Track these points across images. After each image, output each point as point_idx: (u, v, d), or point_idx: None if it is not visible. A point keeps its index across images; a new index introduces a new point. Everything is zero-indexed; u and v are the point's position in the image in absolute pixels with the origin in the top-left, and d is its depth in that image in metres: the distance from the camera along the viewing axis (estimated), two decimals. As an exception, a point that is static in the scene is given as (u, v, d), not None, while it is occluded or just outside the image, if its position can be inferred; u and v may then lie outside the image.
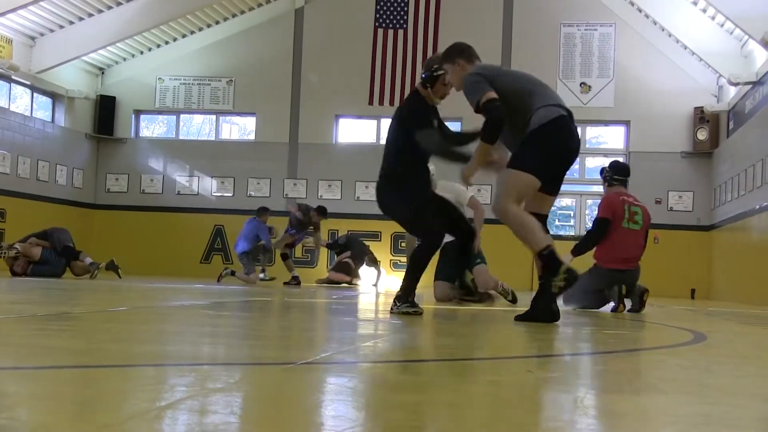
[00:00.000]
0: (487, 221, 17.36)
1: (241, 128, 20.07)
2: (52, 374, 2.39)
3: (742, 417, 2.06)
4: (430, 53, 18.33)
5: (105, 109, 19.20)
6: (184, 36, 19.30)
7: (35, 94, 17.86)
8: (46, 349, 3.08)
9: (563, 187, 6.03)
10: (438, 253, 6.12)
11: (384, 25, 18.57)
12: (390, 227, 17.38)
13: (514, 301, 8.96)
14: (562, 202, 18.53)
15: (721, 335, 5.46)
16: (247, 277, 14.04)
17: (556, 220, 18.72)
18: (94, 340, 3.34)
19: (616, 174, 8.52)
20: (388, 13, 18.55)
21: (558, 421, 1.93)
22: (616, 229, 8.21)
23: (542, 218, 5.62)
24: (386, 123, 18.84)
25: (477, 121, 5.66)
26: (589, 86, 17.95)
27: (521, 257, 17.89)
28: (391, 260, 18.06)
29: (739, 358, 3.94)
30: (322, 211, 14.61)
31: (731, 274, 15.27)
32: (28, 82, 17.33)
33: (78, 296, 5.83)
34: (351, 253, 15.62)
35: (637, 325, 6.20)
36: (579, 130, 20.17)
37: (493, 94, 5.36)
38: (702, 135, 17.24)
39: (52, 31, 17.17)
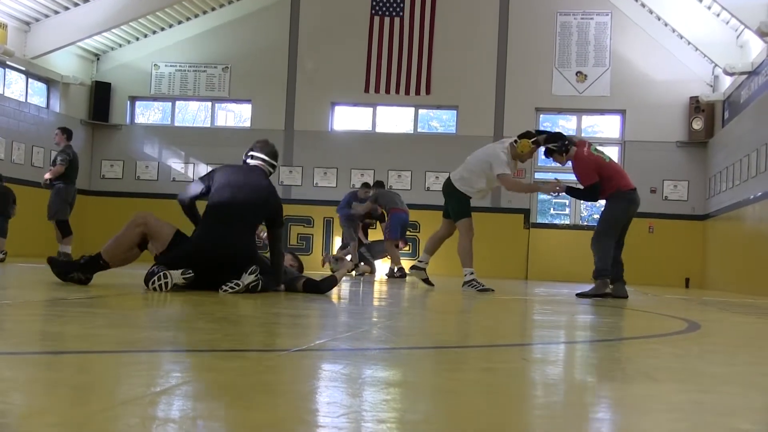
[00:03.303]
0: (485, 209, 17.42)
1: (236, 115, 20.02)
2: (48, 359, 2.40)
3: (735, 405, 2.07)
4: (426, 41, 18.30)
5: (100, 95, 19.15)
6: (180, 22, 19.23)
7: (30, 80, 17.79)
8: (42, 334, 3.08)
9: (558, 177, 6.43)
10: None
11: (380, 12, 18.52)
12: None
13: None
14: (557, 191, 18.50)
15: (715, 324, 5.48)
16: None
17: (551, 209, 18.73)
18: (90, 326, 3.34)
19: (563, 140, 8.51)
20: (385, 0, 18.50)
21: (552, 409, 1.93)
22: (607, 166, 8.39)
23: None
24: (382, 111, 19.00)
25: (473, 109, 5.68)
26: (585, 75, 17.93)
27: (517, 247, 17.93)
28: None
29: (733, 347, 3.96)
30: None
31: (726, 263, 15.30)
32: (22, 68, 17.26)
33: (74, 282, 5.83)
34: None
35: (631, 314, 6.22)
36: (575, 118, 19.92)
37: None
38: (697, 124, 17.25)
39: (47, 16, 17.10)
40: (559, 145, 8.47)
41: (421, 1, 18.36)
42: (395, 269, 13.74)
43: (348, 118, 19.25)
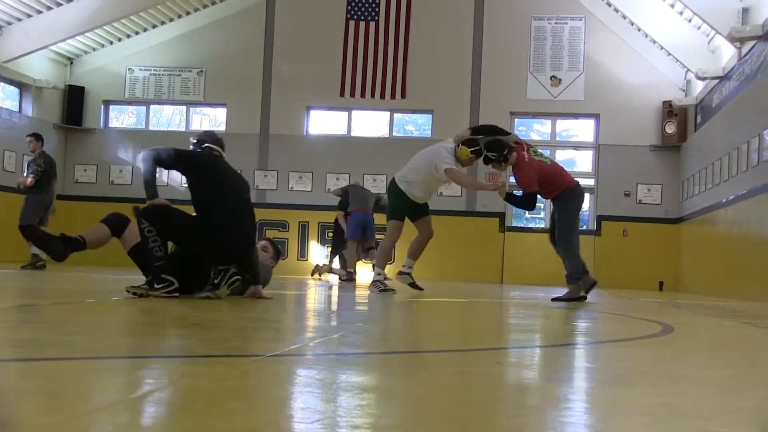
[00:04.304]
0: (461, 213, 17.45)
1: (211, 119, 19.94)
2: (19, 367, 2.37)
3: (709, 408, 2.09)
4: (401, 45, 18.32)
5: (73, 99, 18.99)
6: (154, 26, 19.13)
7: (2, 84, 17.62)
8: (12, 341, 3.05)
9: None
10: None
11: (356, 16, 18.52)
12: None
13: None
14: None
15: (688, 327, 5.51)
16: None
17: (527, 213, 18.79)
18: (61, 332, 3.30)
19: (502, 149, 8.45)
20: (360, 4, 18.50)
21: (527, 413, 1.94)
22: (550, 169, 8.44)
23: None
24: (358, 115, 19.01)
25: (448, 113, 5.70)
26: (560, 79, 18.02)
27: (492, 251, 17.98)
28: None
29: (706, 350, 3.98)
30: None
31: (699, 266, 15.42)
32: (-6, 72, 17.11)
33: (44, 287, 5.77)
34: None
35: (605, 317, 6.25)
36: (549, 123, 19.86)
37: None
38: (670, 129, 17.39)
39: (19, 19, 16.94)
40: (497, 155, 8.44)
41: (396, 5, 18.38)
42: (345, 271, 13.48)
43: (323, 122, 19.22)
